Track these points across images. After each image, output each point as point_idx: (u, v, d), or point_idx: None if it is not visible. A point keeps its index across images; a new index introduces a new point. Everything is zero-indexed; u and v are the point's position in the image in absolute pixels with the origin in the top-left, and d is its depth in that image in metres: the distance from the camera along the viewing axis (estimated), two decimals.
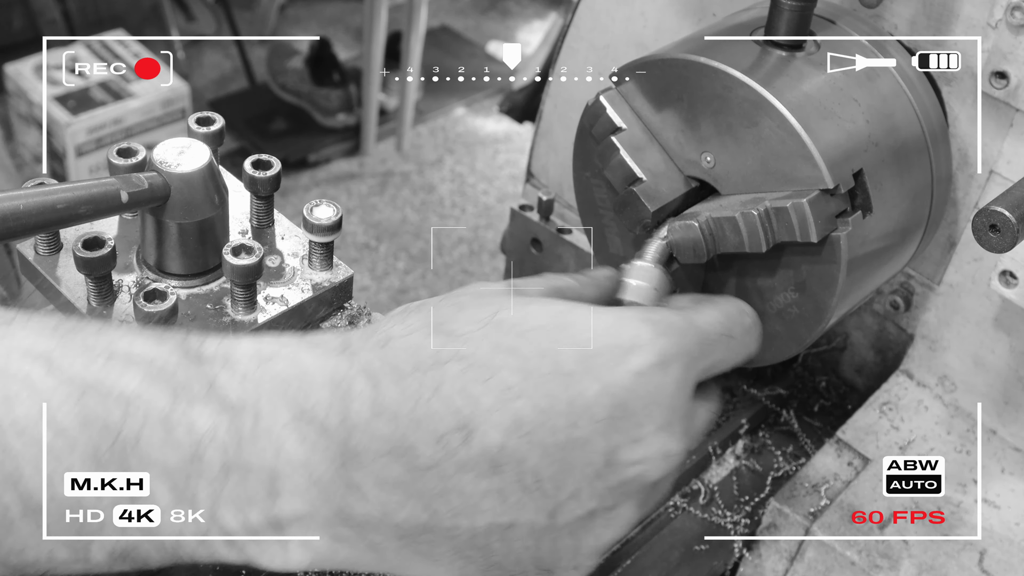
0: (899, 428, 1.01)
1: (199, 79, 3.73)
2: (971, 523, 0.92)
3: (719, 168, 0.83)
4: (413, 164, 3.70)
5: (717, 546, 0.98)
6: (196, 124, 0.78)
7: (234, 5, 3.67)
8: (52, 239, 0.75)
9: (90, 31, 3.27)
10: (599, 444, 0.59)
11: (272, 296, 0.75)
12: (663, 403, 0.61)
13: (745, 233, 0.78)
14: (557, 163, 1.24)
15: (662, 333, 0.62)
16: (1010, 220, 0.72)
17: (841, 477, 0.97)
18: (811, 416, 1.11)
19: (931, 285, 1.00)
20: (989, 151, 0.89)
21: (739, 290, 0.87)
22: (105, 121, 2.96)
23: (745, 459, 1.06)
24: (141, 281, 0.74)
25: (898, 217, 0.85)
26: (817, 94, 0.80)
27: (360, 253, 3.27)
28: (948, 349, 1.01)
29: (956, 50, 0.87)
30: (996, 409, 1.00)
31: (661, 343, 0.61)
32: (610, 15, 1.11)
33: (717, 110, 0.81)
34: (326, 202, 0.76)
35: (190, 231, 0.72)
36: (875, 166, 0.81)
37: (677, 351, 0.62)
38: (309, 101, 3.61)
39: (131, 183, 0.68)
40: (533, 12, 4.52)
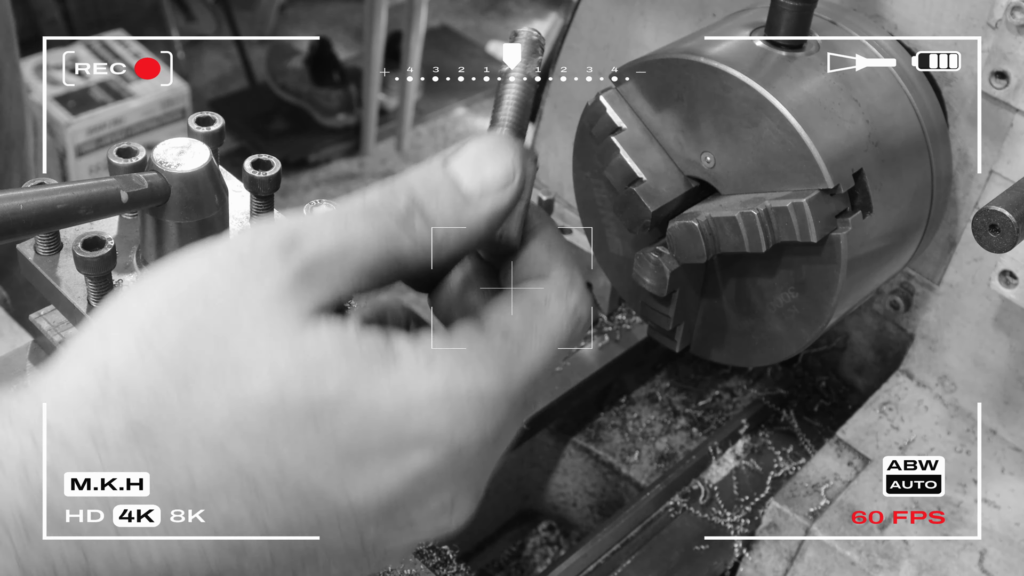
0: (899, 428, 1.01)
1: (199, 79, 3.72)
2: (971, 523, 0.92)
3: (719, 168, 0.83)
4: (413, 164, 3.69)
5: (717, 546, 0.98)
6: (196, 124, 0.78)
7: (234, 5, 3.67)
8: (52, 239, 0.75)
9: (90, 31, 3.26)
10: (352, 543, 0.49)
11: None
12: (450, 487, 0.50)
13: (745, 233, 0.78)
14: (557, 163, 1.24)
15: (464, 417, 0.48)
16: (1010, 220, 0.72)
17: (841, 477, 0.97)
18: (811, 416, 1.11)
19: (931, 285, 1.00)
20: (989, 151, 0.89)
21: (739, 290, 0.87)
22: (105, 121, 2.95)
23: (745, 459, 1.06)
24: None
25: (898, 217, 0.85)
26: (817, 94, 0.80)
27: None
28: (948, 349, 1.01)
29: (956, 50, 0.87)
30: (996, 409, 1.00)
31: (460, 435, 0.48)
32: (610, 15, 1.11)
33: (717, 110, 0.81)
34: (326, 202, 0.76)
35: (190, 231, 0.72)
36: (875, 166, 0.81)
37: (482, 431, 0.49)
38: (309, 101, 3.61)
39: (131, 183, 0.68)
40: (533, 12, 4.52)
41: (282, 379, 0.46)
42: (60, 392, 0.47)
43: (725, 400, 1.13)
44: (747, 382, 1.14)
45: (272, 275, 0.47)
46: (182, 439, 0.46)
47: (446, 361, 0.48)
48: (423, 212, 0.51)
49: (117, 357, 0.47)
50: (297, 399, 0.46)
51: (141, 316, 0.48)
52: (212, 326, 0.47)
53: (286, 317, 0.47)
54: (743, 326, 0.88)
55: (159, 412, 0.46)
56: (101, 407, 0.46)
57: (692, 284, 0.88)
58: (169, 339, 0.47)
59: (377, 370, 0.47)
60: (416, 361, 0.48)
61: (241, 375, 0.46)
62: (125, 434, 0.46)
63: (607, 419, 1.11)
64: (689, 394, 1.14)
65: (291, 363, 0.46)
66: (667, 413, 1.12)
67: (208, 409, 0.46)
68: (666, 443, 1.09)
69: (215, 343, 0.47)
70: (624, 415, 1.12)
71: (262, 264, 0.48)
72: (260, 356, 0.46)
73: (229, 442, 0.46)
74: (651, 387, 1.14)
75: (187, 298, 0.48)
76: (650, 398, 1.13)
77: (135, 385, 0.46)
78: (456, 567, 0.94)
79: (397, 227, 0.50)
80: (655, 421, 1.11)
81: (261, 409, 0.46)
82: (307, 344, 0.47)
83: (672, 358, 1.16)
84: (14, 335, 1.04)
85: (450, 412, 0.48)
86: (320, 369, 0.47)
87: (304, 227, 0.49)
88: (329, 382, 0.47)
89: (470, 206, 0.51)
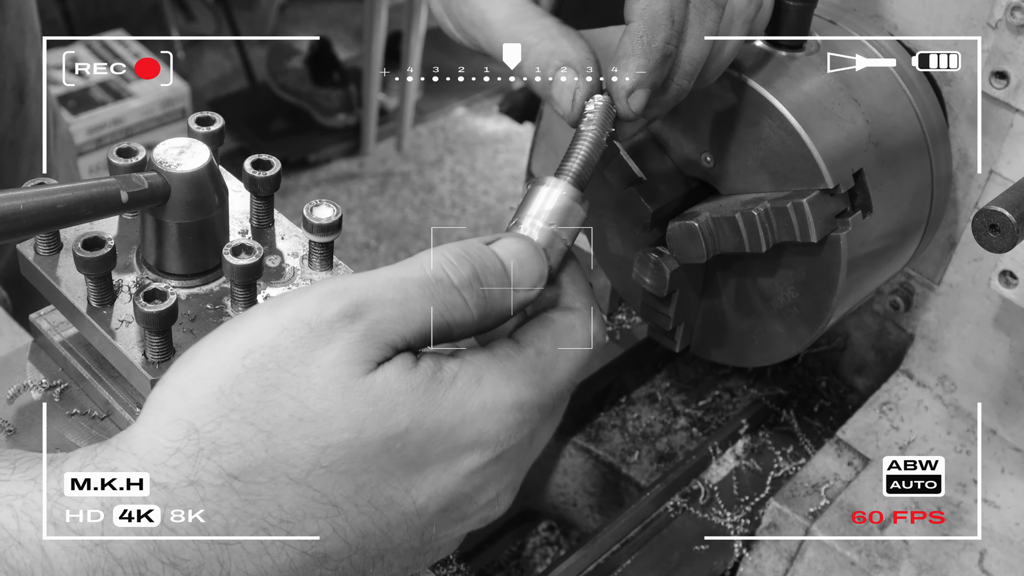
0: (899, 428, 1.01)
1: (199, 79, 3.73)
2: (971, 523, 0.92)
3: (719, 168, 0.83)
4: (413, 164, 3.70)
5: (717, 546, 0.98)
6: (196, 124, 0.78)
7: (234, 5, 3.67)
8: (52, 239, 0.75)
9: (90, 31, 3.26)
10: (414, 542, 0.58)
11: (272, 296, 0.75)
12: (495, 484, 0.59)
13: (745, 233, 0.78)
14: (557, 163, 1.23)
15: (507, 424, 0.57)
16: (1010, 220, 0.72)
17: (841, 477, 0.97)
18: (811, 416, 1.11)
19: (931, 285, 1.00)
20: (989, 151, 0.89)
21: (739, 290, 0.87)
22: (105, 121, 2.95)
23: (745, 459, 1.06)
24: (141, 281, 0.74)
25: (898, 217, 0.85)
26: (817, 94, 0.80)
27: (360, 253, 3.27)
28: (948, 349, 1.01)
29: (956, 50, 0.87)
30: (996, 409, 1.00)
31: (504, 439, 0.57)
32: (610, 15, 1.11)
33: (717, 110, 0.81)
34: (326, 202, 0.76)
35: (190, 231, 0.72)
36: (875, 166, 0.81)
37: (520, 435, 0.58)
38: (309, 101, 3.61)
39: (131, 183, 0.68)
40: None
41: (360, 425, 0.54)
42: (155, 451, 0.54)
43: (725, 400, 1.13)
44: (747, 382, 1.14)
45: (339, 341, 0.54)
46: (271, 480, 0.53)
47: (492, 377, 0.57)
48: (479, 289, 0.58)
49: (203, 416, 0.54)
50: (373, 436, 0.54)
51: (219, 377, 0.54)
52: (287, 386, 0.54)
53: (353, 374, 0.54)
54: (743, 326, 0.88)
55: (248, 460, 0.53)
56: (197, 462, 0.53)
57: (692, 284, 0.88)
58: (250, 399, 0.54)
59: (439, 393, 0.55)
60: (468, 380, 0.56)
61: (321, 424, 0.53)
62: (220, 482, 0.53)
63: (607, 419, 1.11)
64: (689, 394, 1.14)
65: (366, 410, 0.54)
66: (667, 413, 1.12)
67: (292, 455, 0.53)
68: (666, 443, 1.09)
69: (292, 400, 0.54)
70: (624, 415, 1.12)
71: (329, 332, 0.54)
72: (336, 407, 0.54)
73: (313, 478, 0.54)
74: (651, 387, 1.14)
75: (261, 361, 0.54)
76: (650, 398, 1.13)
77: (224, 441, 0.53)
78: (456, 567, 0.94)
79: (456, 299, 0.57)
80: (655, 421, 1.11)
81: (341, 450, 0.53)
82: (376, 390, 0.54)
83: (672, 358, 1.16)
84: (14, 335, 1.04)
85: (497, 421, 0.56)
86: (392, 409, 0.54)
87: (368, 298, 0.55)
88: (401, 417, 0.54)
89: (512, 292, 0.60)
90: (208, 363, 0.55)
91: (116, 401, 0.76)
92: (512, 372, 0.57)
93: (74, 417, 0.78)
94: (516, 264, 0.59)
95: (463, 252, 0.58)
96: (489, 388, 0.56)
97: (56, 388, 0.79)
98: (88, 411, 0.78)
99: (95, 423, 0.77)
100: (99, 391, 0.76)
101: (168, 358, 0.69)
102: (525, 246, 0.60)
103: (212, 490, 0.53)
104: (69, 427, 0.77)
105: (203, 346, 0.56)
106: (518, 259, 0.59)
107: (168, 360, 0.69)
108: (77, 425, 0.77)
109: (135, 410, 0.75)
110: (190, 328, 0.72)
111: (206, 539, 0.53)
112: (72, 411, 0.78)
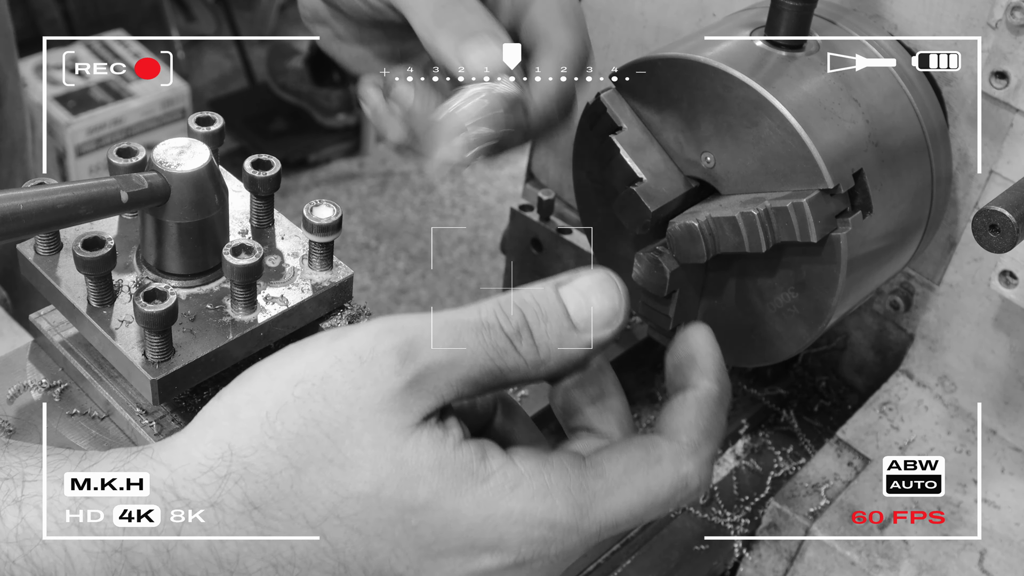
0: (899, 428, 1.01)
1: (199, 79, 3.72)
2: (971, 523, 0.92)
3: (719, 168, 0.83)
4: (413, 164, 3.70)
5: (717, 546, 0.98)
6: (196, 124, 0.78)
7: (234, 5, 3.67)
8: (52, 239, 0.75)
9: (90, 31, 3.26)
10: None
11: (272, 296, 0.75)
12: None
13: (745, 233, 0.78)
14: (557, 163, 1.24)
15: (532, 539, 0.53)
16: (1010, 220, 0.72)
17: (841, 477, 0.97)
18: (811, 416, 1.11)
19: (931, 285, 1.00)
20: (989, 151, 0.89)
21: (739, 290, 0.87)
22: (105, 121, 2.95)
23: (745, 459, 1.06)
24: (141, 281, 0.74)
25: (898, 217, 0.85)
26: (817, 94, 0.80)
27: (360, 253, 3.27)
28: (948, 349, 1.01)
29: (956, 50, 0.87)
30: (996, 409, 1.00)
31: (525, 552, 0.54)
32: (610, 15, 1.11)
33: (717, 110, 0.81)
34: (326, 202, 0.76)
35: (190, 231, 0.72)
36: (875, 166, 0.81)
37: (546, 552, 0.54)
38: (309, 101, 3.61)
39: (131, 183, 0.68)
40: None
41: (381, 482, 0.52)
42: (189, 466, 0.54)
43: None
44: (747, 382, 1.14)
45: (387, 382, 0.53)
46: (289, 518, 0.53)
47: (530, 487, 0.54)
48: (532, 334, 0.55)
49: (243, 439, 0.54)
50: (391, 500, 0.52)
51: (268, 403, 0.54)
52: (327, 422, 0.53)
53: (392, 427, 0.53)
54: (743, 326, 0.88)
55: (272, 493, 0.53)
56: (223, 483, 0.53)
57: (692, 284, 0.88)
58: (289, 430, 0.53)
59: (466, 485, 0.53)
60: (503, 482, 0.53)
61: (347, 471, 0.52)
62: (241, 507, 0.53)
63: None
64: None
65: (390, 469, 0.52)
66: None
67: (314, 497, 0.53)
68: None
69: (328, 440, 0.53)
70: None
71: (379, 370, 0.53)
72: (365, 458, 0.52)
73: (328, 527, 0.53)
74: (651, 387, 1.14)
75: (309, 392, 0.54)
76: (650, 398, 1.13)
77: (255, 468, 0.53)
78: None
79: (505, 344, 0.55)
80: (655, 421, 1.11)
81: (359, 504, 0.52)
82: (407, 454, 0.53)
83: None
84: (14, 335, 1.04)
85: (520, 533, 0.53)
86: (415, 478, 0.52)
87: (421, 337, 0.54)
88: (421, 490, 0.52)
89: (575, 334, 0.56)
90: (263, 387, 0.55)
91: (116, 401, 0.76)
92: (556, 488, 0.54)
93: (74, 417, 0.78)
94: (582, 300, 0.56)
95: (520, 296, 0.56)
96: (522, 497, 0.53)
97: (56, 388, 0.79)
98: (88, 411, 0.78)
99: (95, 423, 0.77)
100: (99, 391, 0.76)
101: (168, 358, 0.69)
102: (596, 282, 0.56)
103: (232, 516, 0.53)
104: (69, 427, 0.77)
105: (261, 369, 0.56)
106: (584, 295, 0.56)
107: (168, 360, 0.69)
108: (77, 425, 0.77)
109: (135, 410, 0.75)
110: (190, 328, 0.72)
111: (215, 561, 0.53)
112: (72, 411, 0.78)
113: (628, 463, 0.56)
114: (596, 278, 0.56)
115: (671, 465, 0.56)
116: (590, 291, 0.56)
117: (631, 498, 0.55)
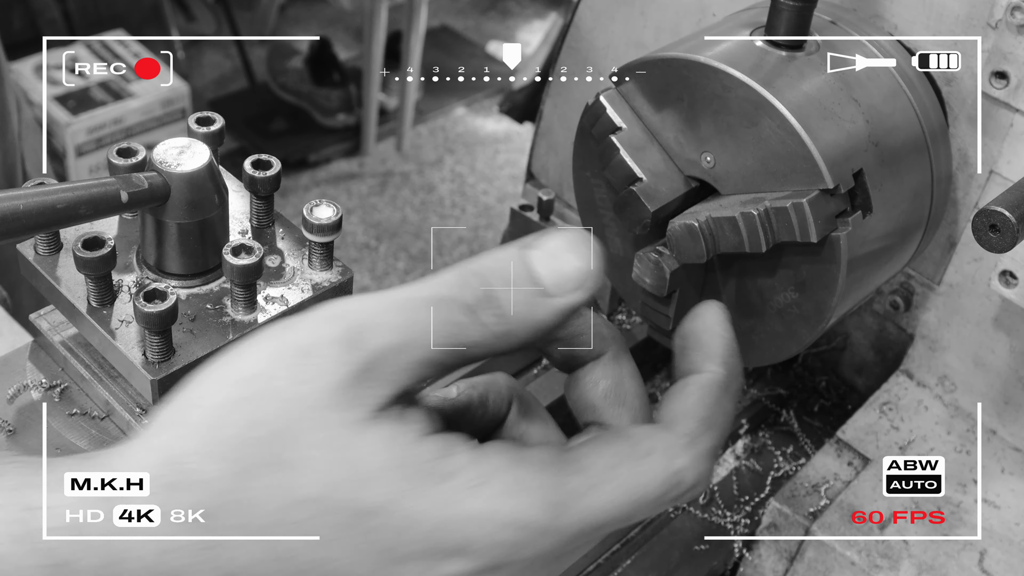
0: (899, 428, 1.01)
1: (199, 79, 3.73)
2: (971, 523, 0.92)
3: (719, 168, 0.83)
4: (413, 164, 3.70)
5: (717, 546, 0.98)
6: (196, 124, 0.78)
7: (234, 5, 3.67)
8: (52, 239, 0.75)
9: (90, 31, 3.27)
10: None
11: (272, 296, 0.75)
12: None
13: (745, 233, 0.78)
14: (557, 163, 1.24)
15: (500, 541, 0.48)
16: (1010, 220, 0.72)
17: (841, 477, 0.97)
18: (811, 416, 1.11)
19: (931, 285, 1.00)
20: (989, 151, 0.89)
21: (739, 290, 0.87)
22: (105, 121, 2.95)
23: (745, 459, 1.06)
24: (141, 281, 0.74)
25: (898, 217, 0.85)
26: (817, 94, 0.80)
27: (360, 253, 3.27)
28: (948, 349, 1.01)
29: (956, 50, 0.87)
30: (996, 409, 1.00)
31: (495, 555, 0.48)
32: (610, 15, 1.11)
33: (717, 110, 0.81)
34: (326, 202, 0.76)
35: (190, 231, 0.72)
36: (875, 166, 0.81)
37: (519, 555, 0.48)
38: (309, 101, 3.61)
39: (131, 183, 0.68)
40: (533, 12, 4.52)
41: (332, 483, 0.48)
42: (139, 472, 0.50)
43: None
44: (747, 382, 1.14)
45: (332, 374, 0.48)
46: (240, 526, 0.49)
47: (497, 485, 0.48)
48: (495, 303, 0.49)
49: (189, 445, 0.50)
50: (344, 502, 0.48)
51: (212, 406, 0.50)
52: (269, 423, 0.49)
53: (341, 423, 0.48)
54: (743, 326, 0.88)
55: (221, 500, 0.49)
56: (174, 493, 0.49)
57: (692, 284, 0.88)
58: (230, 435, 0.49)
59: (425, 484, 0.48)
60: (468, 480, 0.48)
61: (295, 474, 0.48)
62: (190, 517, 0.49)
63: None
64: None
65: (341, 470, 0.48)
66: None
67: (264, 503, 0.48)
68: None
69: (271, 441, 0.48)
70: None
71: (323, 362, 0.48)
72: (313, 459, 0.48)
73: (280, 533, 0.49)
74: (651, 387, 1.14)
75: (253, 392, 0.49)
76: (650, 398, 1.13)
77: (202, 476, 0.49)
78: None
79: (465, 317, 0.49)
80: None
81: (310, 508, 0.48)
82: (359, 452, 0.48)
83: (672, 358, 1.16)
84: (14, 335, 1.04)
85: (489, 535, 0.48)
86: (368, 478, 0.48)
87: (368, 320, 0.48)
88: (376, 491, 0.48)
89: (543, 299, 0.50)
90: (208, 388, 0.51)
91: (116, 401, 0.76)
92: (528, 485, 0.48)
93: (74, 417, 0.78)
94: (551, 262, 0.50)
95: (481, 262, 0.50)
96: (488, 496, 0.48)
97: (56, 388, 0.79)
98: (88, 411, 0.78)
99: (95, 423, 0.77)
100: (99, 391, 0.76)
101: (168, 358, 0.69)
102: (562, 243, 0.50)
103: (182, 527, 0.49)
104: (69, 427, 0.77)
105: (210, 368, 0.52)
106: (552, 256, 0.50)
107: (168, 360, 0.69)
108: (77, 425, 0.77)
109: (135, 410, 0.75)
110: (190, 328, 0.72)
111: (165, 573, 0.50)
112: (72, 411, 0.78)
113: (614, 456, 0.50)
114: (566, 237, 0.50)
115: (663, 459, 0.50)
116: (559, 251, 0.50)
117: (615, 496, 0.49)
